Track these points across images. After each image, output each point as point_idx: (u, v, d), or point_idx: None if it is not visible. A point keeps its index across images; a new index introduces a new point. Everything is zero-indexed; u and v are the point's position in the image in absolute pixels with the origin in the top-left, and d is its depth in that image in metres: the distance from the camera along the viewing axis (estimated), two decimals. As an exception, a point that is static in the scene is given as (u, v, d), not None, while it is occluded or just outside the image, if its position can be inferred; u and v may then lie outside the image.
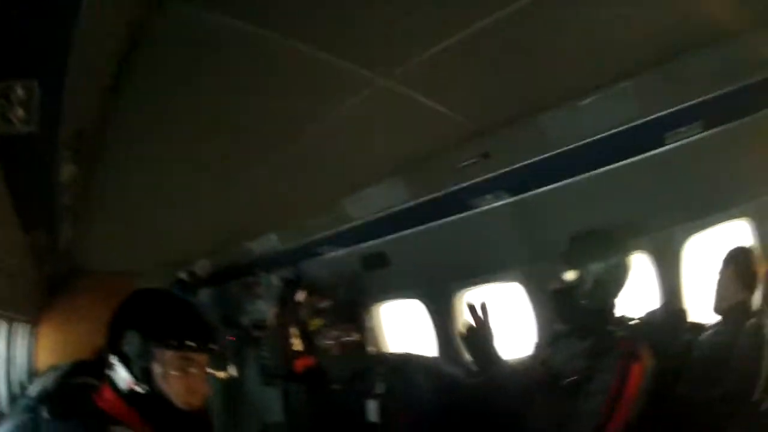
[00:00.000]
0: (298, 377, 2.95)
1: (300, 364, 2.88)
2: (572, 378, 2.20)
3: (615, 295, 2.38)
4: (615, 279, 2.36)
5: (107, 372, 1.46)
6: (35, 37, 1.11)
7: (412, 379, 2.56)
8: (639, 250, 2.90)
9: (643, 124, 2.47)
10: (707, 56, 2.31)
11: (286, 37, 1.67)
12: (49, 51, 1.20)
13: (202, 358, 1.49)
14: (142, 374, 1.43)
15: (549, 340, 2.49)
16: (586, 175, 2.69)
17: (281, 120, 2.33)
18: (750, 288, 2.51)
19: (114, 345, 1.46)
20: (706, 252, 2.84)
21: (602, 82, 2.36)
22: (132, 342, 1.44)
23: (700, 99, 2.46)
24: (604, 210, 2.73)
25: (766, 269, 2.55)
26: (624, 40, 2.11)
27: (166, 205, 3.31)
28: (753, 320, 2.43)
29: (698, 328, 2.68)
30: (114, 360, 1.45)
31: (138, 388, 1.42)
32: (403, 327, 4.21)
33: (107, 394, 1.46)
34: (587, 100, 2.43)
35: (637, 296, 2.85)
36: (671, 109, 2.47)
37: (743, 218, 2.91)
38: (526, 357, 2.57)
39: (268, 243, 4.17)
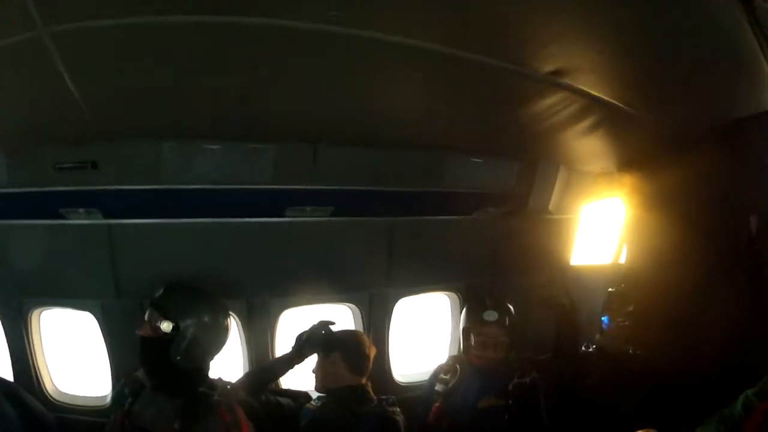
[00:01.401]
0: None
1: None
2: None
3: (211, 356, 2.30)
4: (213, 340, 2.28)
5: None
6: None
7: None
8: (236, 314, 2.88)
9: (268, 190, 2.50)
10: (354, 152, 2.50)
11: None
12: None
13: None
14: None
15: (130, 387, 2.26)
16: (197, 220, 2.57)
17: None
18: (360, 372, 2.57)
19: None
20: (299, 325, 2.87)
21: (243, 133, 2.33)
22: None
23: (334, 187, 2.62)
24: (204, 262, 2.63)
25: (375, 353, 2.69)
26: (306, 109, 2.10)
27: None
28: (374, 404, 2.51)
29: (305, 396, 2.71)
30: None
31: None
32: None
33: None
34: (217, 146, 2.37)
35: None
36: (301, 187, 2.58)
37: (352, 304, 3.17)
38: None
39: None
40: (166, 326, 2.17)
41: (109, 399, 2.78)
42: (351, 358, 2.57)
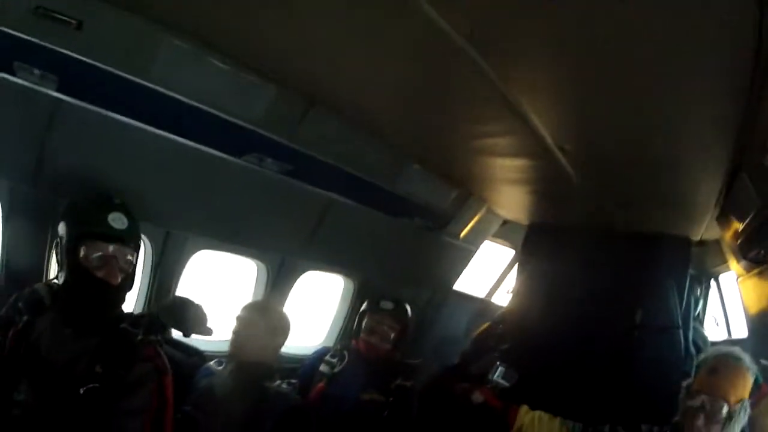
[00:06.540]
0: None
1: None
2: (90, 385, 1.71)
3: None
4: None
5: None
6: None
7: None
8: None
9: (245, 128, 2.34)
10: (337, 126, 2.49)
11: None
12: None
13: None
14: None
15: (27, 303, 1.84)
16: (167, 135, 2.22)
17: None
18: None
19: None
20: None
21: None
22: None
23: (300, 149, 2.57)
24: (142, 178, 2.31)
25: None
26: None
27: None
28: (280, 383, 2.39)
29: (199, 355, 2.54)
30: None
31: None
32: None
33: None
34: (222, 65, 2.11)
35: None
36: (276, 138, 2.46)
37: (262, 262, 3.10)
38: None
39: None
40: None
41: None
42: (272, 328, 2.48)
